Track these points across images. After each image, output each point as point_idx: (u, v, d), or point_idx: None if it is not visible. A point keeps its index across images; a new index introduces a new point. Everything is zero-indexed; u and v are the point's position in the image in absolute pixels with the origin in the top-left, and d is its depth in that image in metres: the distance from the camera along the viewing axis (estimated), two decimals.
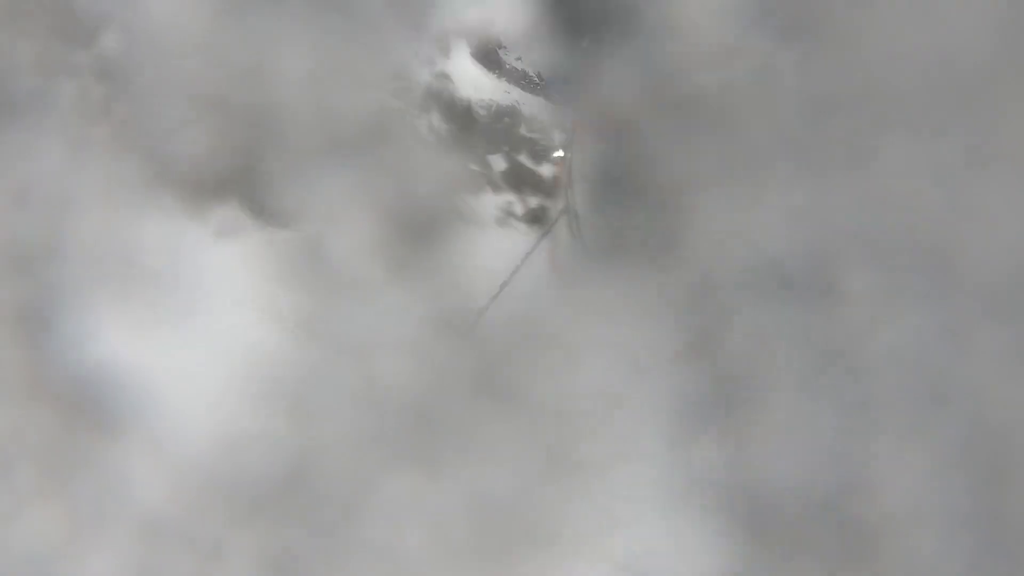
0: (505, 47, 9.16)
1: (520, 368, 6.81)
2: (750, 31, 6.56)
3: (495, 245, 8.23)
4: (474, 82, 8.80)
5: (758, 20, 6.53)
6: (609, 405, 6.59)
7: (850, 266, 6.28)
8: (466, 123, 9.36)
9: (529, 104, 8.82)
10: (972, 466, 6.16)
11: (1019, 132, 6.00)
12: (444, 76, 9.13)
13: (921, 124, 6.06)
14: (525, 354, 6.83)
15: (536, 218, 8.67)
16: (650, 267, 6.73)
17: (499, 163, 9.19)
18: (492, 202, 8.77)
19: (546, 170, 8.77)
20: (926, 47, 6.05)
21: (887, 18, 6.17)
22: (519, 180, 9.07)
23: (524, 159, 9.09)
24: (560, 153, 7.91)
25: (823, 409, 6.31)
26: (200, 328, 7.75)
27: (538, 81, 9.13)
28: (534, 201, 8.86)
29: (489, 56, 9.09)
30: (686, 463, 6.45)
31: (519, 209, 8.85)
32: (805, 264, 6.39)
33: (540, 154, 9.11)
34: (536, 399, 6.67)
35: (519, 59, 8.88)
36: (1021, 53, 5.95)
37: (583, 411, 6.60)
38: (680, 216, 6.71)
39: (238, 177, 8.19)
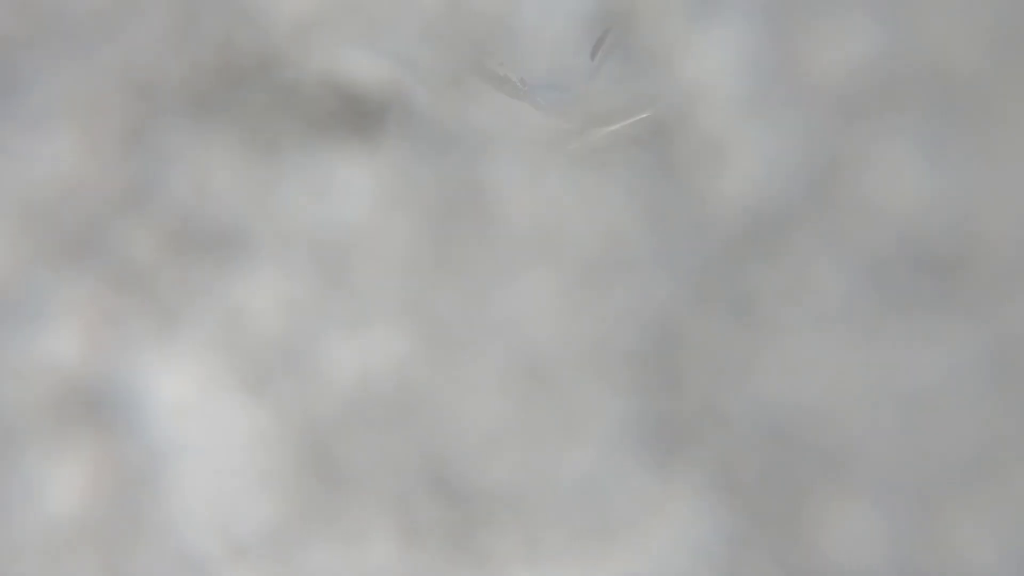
0: (487, 51, 8.91)
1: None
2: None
3: None
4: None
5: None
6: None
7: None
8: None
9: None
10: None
11: (1018, 140, 5.79)
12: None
13: (918, 131, 5.84)
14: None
15: None
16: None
17: None
18: None
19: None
20: (921, 56, 5.82)
21: (880, 23, 5.95)
22: None
23: None
24: None
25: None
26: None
27: (521, 87, 8.89)
28: None
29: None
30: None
31: None
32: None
33: None
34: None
35: (501, 64, 8.60)
36: (1018, 62, 5.73)
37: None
38: None
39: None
